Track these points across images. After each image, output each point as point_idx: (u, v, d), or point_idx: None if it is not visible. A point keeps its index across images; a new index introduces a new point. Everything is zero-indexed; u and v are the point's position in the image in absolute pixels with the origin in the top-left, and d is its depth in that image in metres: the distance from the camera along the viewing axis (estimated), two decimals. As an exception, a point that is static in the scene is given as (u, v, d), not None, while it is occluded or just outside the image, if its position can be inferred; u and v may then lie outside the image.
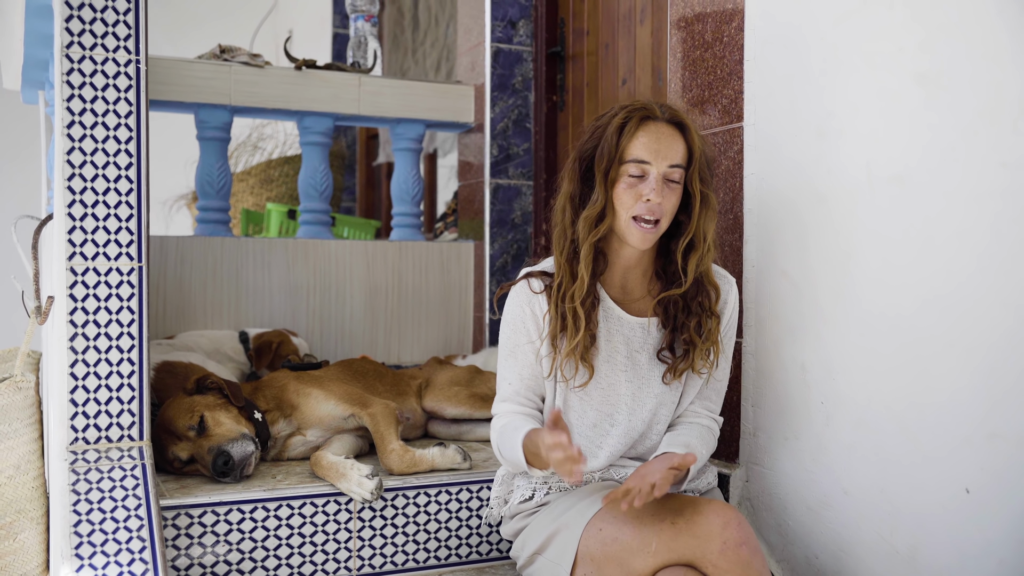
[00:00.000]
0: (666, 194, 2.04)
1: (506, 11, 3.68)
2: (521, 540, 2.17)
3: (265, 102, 3.47)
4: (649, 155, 2.02)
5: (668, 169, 2.03)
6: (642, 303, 2.18)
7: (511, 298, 2.18)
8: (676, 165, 2.04)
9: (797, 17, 2.29)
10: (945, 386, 1.94)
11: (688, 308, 2.13)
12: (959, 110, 1.91)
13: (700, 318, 2.12)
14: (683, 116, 2.08)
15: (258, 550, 2.27)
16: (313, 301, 3.54)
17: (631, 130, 2.04)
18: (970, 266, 1.89)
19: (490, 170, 3.67)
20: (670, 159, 2.03)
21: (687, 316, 2.12)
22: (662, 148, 2.03)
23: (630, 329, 2.15)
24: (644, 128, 2.04)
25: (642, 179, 2.04)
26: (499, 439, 2.14)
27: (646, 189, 2.02)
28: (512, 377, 2.16)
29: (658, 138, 2.03)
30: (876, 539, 2.09)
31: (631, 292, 2.19)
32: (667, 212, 2.05)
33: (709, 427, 2.22)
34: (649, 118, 2.05)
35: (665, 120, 2.06)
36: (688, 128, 2.06)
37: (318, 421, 2.59)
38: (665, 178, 2.04)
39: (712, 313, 2.13)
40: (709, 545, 1.86)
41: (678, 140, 2.05)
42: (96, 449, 2.15)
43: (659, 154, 2.02)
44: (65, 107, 2.12)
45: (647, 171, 2.03)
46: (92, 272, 2.14)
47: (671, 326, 2.14)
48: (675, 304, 2.13)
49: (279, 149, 5.24)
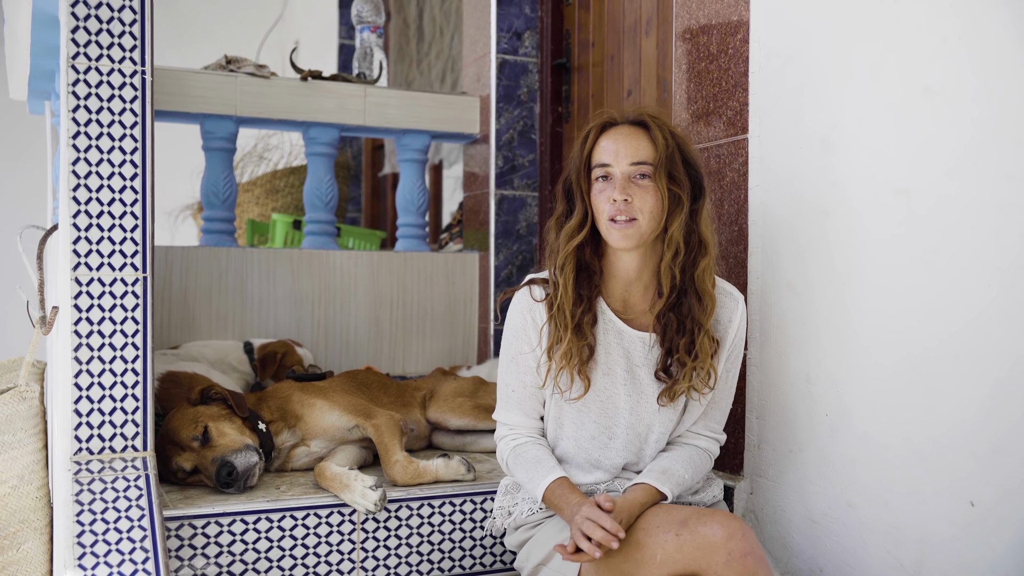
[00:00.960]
0: (635, 191, 2.04)
1: (512, 23, 3.69)
2: (526, 551, 2.17)
3: (271, 113, 3.48)
4: (609, 157, 2.06)
5: (630, 167, 2.05)
6: (644, 318, 2.17)
7: (513, 304, 2.18)
8: (639, 162, 2.05)
9: (803, 29, 2.29)
10: (950, 399, 1.93)
11: (682, 327, 2.09)
12: (965, 123, 1.90)
13: (692, 336, 2.08)
14: (647, 115, 2.09)
15: (261, 561, 2.27)
16: (318, 312, 3.54)
17: (593, 138, 2.11)
18: (976, 279, 1.88)
19: (495, 181, 3.67)
20: (630, 157, 2.05)
21: (680, 335, 2.09)
22: (621, 148, 2.06)
23: (631, 343, 2.14)
24: (605, 134, 2.10)
25: (608, 181, 2.07)
26: (513, 459, 2.16)
27: (611, 190, 2.05)
28: (515, 384, 2.17)
29: (616, 139, 2.07)
30: (881, 552, 2.08)
31: (633, 306, 2.17)
32: (643, 210, 2.04)
33: (705, 448, 2.20)
34: (610, 124, 2.11)
35: (627, 122, 2.10)
36: (651, 127, 2.07)
37: (322, 432, 2.58)
38: (629, 177, 2.05)
39: (703, 328, 2.08)
40: (714, 556, 1.86)
41: (640, 139, 2.07)
42: (100, 459, 2.15)
43: (618, 154, 2.06)
44: (71, 118, 2.12)
45: (611, 173, 2.06)
46: (97, 282, 2.15)
47: (667, 346, 2.12)
48: (669, 322, 2.11)
49: (284, 159, 5.25)
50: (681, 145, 2.09)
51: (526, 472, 2.12)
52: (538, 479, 2.08)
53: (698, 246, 2.08)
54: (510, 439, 2.19)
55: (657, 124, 2.07)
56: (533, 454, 2.14)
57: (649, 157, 2.05)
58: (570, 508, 2.00)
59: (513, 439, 2.18)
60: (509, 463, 2.17)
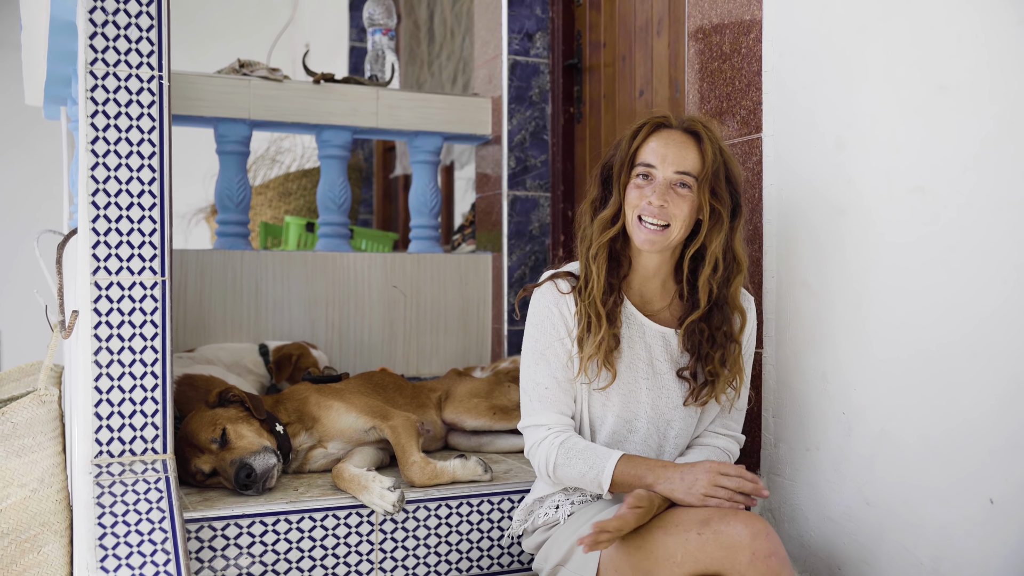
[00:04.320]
0: (672, 199, 2.05)
1: (523, 24, 3.69)
2: (544, 552, 2.17)
3: (284, 116, 3.49)
4: (656, 159, 2.06)
5: (674, 175, 2.05)
6: (661, 314, 2.18)
7: (537, 300, 2.17)
8: (684, 172, 2.05)
9: (816, 28, 2.30)
10: (968, 396, 1.93)
11: (713, 339, 2.12)
12: (980, 120, 1.91)
13: (724, 349, 2.12)
14: (700, 126, 2.09)
15: (280, 562, 2.28)
16: (332, 313, 3.55)
17: (643, 136, 2.10)
18: (993, 276, 1.88)
19: (508, 182, 3.68)
20: (677, 165, 2.05)
21: (712, 347, 2.12)
22: (670, 154, 2.06)
23: (651, 336, 2.15)
24: (656, 134, 2.09)
25: (648, 181, 2.07)
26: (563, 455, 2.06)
27: (649, 191, 2.05)
28: (546, 380, 2.12)
29: (667, 144, 2.07)
30: (899, 550, 2.08)
31: (650, 302, 2.19)
32: (676, 218, 2.05)
33: (725, 448, 2.21)
34: (663, 126, 2.11)
35: (680, 128, 2.10)
36: (703, 139, 2.07)
37: (339, 433, 2.59)
38: (671, 184, 2.06)
39: (736, 343, 2.14)
40: (738, 556, 1.85)
41: (690, 149, 2.07)
42: (120, 462, 2.16)
43: (666, 159, 2.06)
44: (89, 123, 2.14)
45: (653, 175, 2.07)
46: (116, 286, 2.16)
47: (696, 355, 2.14)
48: (700, 332, 2.12)
49: (297, 162, 5.26)
50: (727, 162, 2.10)
51: (584, 461, 2.04)
52: (601, 462, 2.02)
53: (733, 263, 2.11)
54: (553, 437, 2.09)
55: (709, 138, 2.07)
56: (583, 444, 2.07)
57: (695, 169, 2.06)
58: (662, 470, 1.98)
59: (557, 435, 2.09)
60: (558, 462, 2.07)
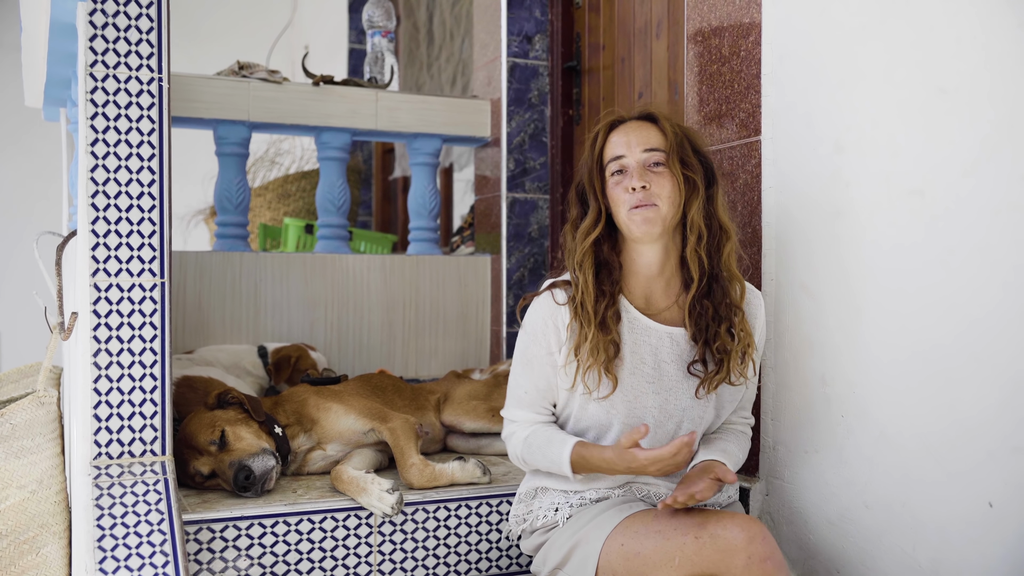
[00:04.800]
0: (651, 178, 2.07)
1: (522, 26, 3.70)
2: (542, 555, 2.17)
3: (283, 118, 3.49)
4: (622, 148, 2.10)
5: (643, 154, 2.08)
6: (668, 313, 2.17)
7: (534, 309, 2.18)
8: (651, 149, 2.09)
9: (815, 31, 2.30)
10: (968, 399, 1.93)
11: (717, 313, 2.12)
12: (979, 123, 1.91)
13: (731, 320, 2.13)
14: (653, 109, 2.15)
15: (279, 564, 2.28)
16: (331, 315, 3.55)
17: (603, 136, 2.15)
18: (991, 278, 1.88)
19: (507, 184, 3.68)
20: (643, 144, 2.09)
21: (718, 323, 2.12)
22: (632, 139, 2.10)
23: (658, 339, 2.14)
24: (615, 130, 2.15)
25: (623, 173, 2.10)
26: (526, 449, 2.15)
27: (627, 181, 2.07)
28: (528, 386, 2.17)
29: (627, 132, 2.12)
30: (898, 553, 2.08)
31: (656, 303, 2.17)
32: (661, 196, 2.07)
33: (744, 432, 2.26)
34: (618, 122, 2.16)
35: (633, 117, 2.15)
36: (659, 118, 2.12)
37: (338, 435, 2.59)
38: (645, 165, 2.08)
39: (739, 310, 2.14)
40: (734, 559, 1.85)
41: (650, 129, 2.12)
42: (119, 464, 2.16)
43: (630, 145, 2.09)
44: (89, 125, 2.14)
45: (625, 164, 2.09)
46: (115, 288, 2.16)
47: (703, 338, 2.13)
48: (705, 312, 2.13)
49: (296, 164, 5.27)
50: (688, 133, 2.14)
51: (543, 453, 2.11)
52: (558, 451, 2.07)
53: (720, 231, 2.12)
54: (520, 432, 2.18)
55: (664, 116, 2.13)
56: (544, 435, 2.13)
57: (660, 144, 2.09)
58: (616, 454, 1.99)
59: (524, 429, 2.18)
60: (524, 456, 2.16)
